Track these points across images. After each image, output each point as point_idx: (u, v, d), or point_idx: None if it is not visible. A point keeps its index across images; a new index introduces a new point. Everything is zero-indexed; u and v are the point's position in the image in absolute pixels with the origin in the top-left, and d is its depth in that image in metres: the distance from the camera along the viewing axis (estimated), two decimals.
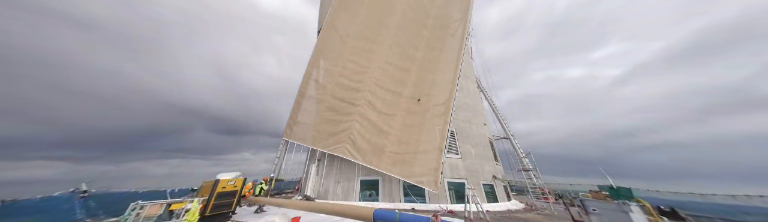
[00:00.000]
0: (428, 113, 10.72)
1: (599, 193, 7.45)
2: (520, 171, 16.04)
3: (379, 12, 15.71)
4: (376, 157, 10.70)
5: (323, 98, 14.26)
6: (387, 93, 12.31)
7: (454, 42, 11.91)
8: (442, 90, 10.98)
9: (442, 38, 12.46)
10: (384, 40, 14.23)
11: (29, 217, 8.72)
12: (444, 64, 11.67)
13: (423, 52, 12.56)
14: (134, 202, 5.97)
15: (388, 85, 12.56)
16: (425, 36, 13.01)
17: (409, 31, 13.76)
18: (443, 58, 11.88)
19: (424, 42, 12.84)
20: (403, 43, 13.48)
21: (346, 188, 11.73)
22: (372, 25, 15.46)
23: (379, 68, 13.30)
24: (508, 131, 19.86)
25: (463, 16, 12.46)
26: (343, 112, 13.00)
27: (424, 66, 12.18)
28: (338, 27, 16.82)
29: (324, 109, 13.78)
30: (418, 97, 11.42)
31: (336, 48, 15.93)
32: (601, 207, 6.32)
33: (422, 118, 10.75)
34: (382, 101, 12.16)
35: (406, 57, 12.90)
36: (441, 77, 11.37)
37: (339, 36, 16.35)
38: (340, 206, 5.89)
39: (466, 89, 16.53)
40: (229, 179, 7.84)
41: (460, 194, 10.97)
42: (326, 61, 15.80)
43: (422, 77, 11.90)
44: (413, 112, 11.11)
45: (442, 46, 12.24)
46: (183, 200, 6.87)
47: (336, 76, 14.60)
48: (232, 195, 7.70)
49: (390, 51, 13.60)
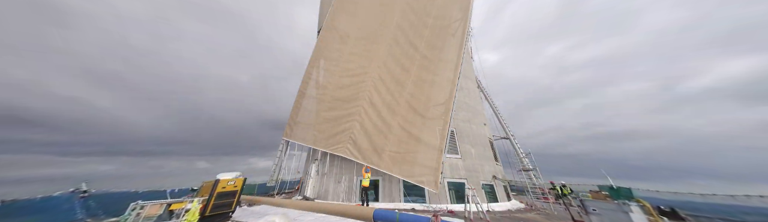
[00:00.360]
0: (428, 113, 10.73)
1: (599, 193, 7.46)
2: (520, 171, 16.03)
3: (379, 12, 15.72)
4: (376, 157, 10.71)
5: (323, 98, 14.27)
6: (387, 93, 12.32)
7: (454, 42, 11.92)
8: (442, 90, 10.98)
9: (443, 38, 12.47)
10: (384, 39, 14.23)
11: (29, 217, 8.72)
12: (444, 64, 11.67)
13: (423, 52, 12.56)
14: (134, 202, 5.96)
15: (388, 84, 12.56)
16: (425, 36, 13.02)
17: (409, 30, 13.76)
18: (443, 58, 11.88)
19: (425, 42, 12.84)
20: (403, 43, 13.49)
21: (347, 188, 11.74)
22: (372, 25, 15.46)
23: (379, 68, 13.31)
24: (508, 131, 19.87)
25: (463, 16, 12.46)
26: (344, 112, 13.01)
27: (424, 66, 12.19)
28: (338, 27, 16.83)
29: (324, 109, 13.79)
30: (418, 96, 11.43)
31: (336, 48, 15.94)
32: (601, 207, 6.32)
33: (422, 117, 10.75)
34: (383, 101, 12.17)
35: (406, 57, 12.91)
36: (441, 77, 11.38)
37: (339, 36, 16.35)
38: (340, 206, 5.90)
39: (466, 89, 16.53)
40: (229, 179, 7.83)
41: (460, 194, 10.97)
42: (326, 61, 15.81)
43: (422, 77, 11.90)
44: (413, 112, 11.11)
45: (443, 45, 12.24)
46: (183, 200, 6.87)
47: (336, 76, 14.61)
48: (232, 195, 7.70)
49: (390, 51, 13.60)
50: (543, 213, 10.88)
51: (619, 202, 5.98)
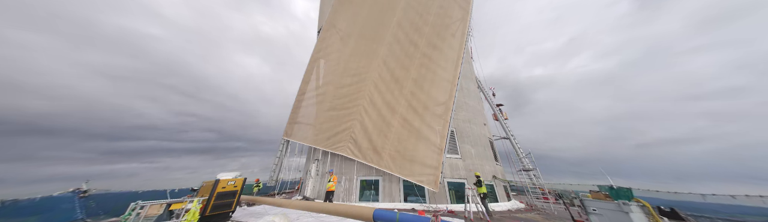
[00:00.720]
0: (428, 112, 10.73)
1: (599, 193, 7.45)
2: (520, 171, 16.04)
3: (379, 12, 15.71)
4: (377, 156, 10.72)
5: (324, 98, 14.27)
6: (387, 91, 12.33)
7: (454, 42, 11.92)
8: (442, 89, 10.98)
9: (443, 38, 12.47)
10: (384, 39, 14.23)
11: (29, 217, 8.73)
12: (444, 64, 11.67)
13: (423, 50, 12.56)
14: (134, 202, 5.97)
15: (388, 83, 12.57)
16: (426, 34, 13.01)
17: (410, 29, 13.76)
18: (443, 58, 11.88)
19: (425, 40, 12.84)
20: (404, 41, 13.49)
21: (347, 188, 11.73)
22: (372, 24, 15.46)
23: (379, 67, 13.31)
24: (508, 131, 19.88)
25: (463, 16, 12.46)
26: (344, 111, 13.01)
27: (424, 64, 12.19)
28: (338, 27, 16.83)
29: (325, 109, 13.80)
30: (418, 95, 11.43)
31: (336, 48, 15.94)
32: (601, 207, 6.32)
33: (422, 117, 10.75)
34: (383, 100, 12.18)
35: (406, 55, 12.91)
36: (441, 76, 11.38)
37: (339, 36, 16.36)
38: (341, 206, 5.89)
39: (466, 89, 16.53)
40: (230, 179, 7.84)
41: (460, 194, 10.96)
42: (326, 61, 15.81)
43: (422, 75, 11.91)
44: (413, 111, 11.12)
45: (443, 45, 12.24)
46: (183, 200, 6.87)
47: (337, 76, 14.61)
48: (232, 195, 7.71)
49: (390, 49, 13.60)
50: (543, 213, 10.88)
51: (620, 202, 5.98)
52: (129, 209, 5.86)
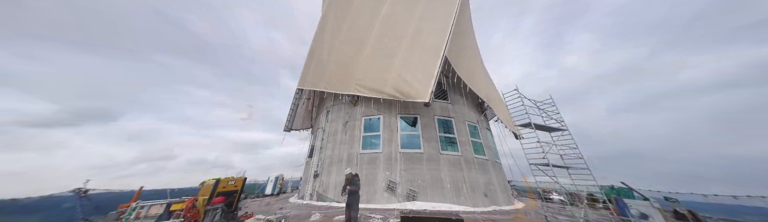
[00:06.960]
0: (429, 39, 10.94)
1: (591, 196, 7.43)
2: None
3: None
4: (382, 86, 10.74)
5: (333, 44, 14.30)
6: (393, 38, 12.38)
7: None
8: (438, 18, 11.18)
9: None
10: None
11: (29, 216, 8.75)
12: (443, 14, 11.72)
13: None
14: (134, 202, 5.98)
15: (395, 30, 12.63)
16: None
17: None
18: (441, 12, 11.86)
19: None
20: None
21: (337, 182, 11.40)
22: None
23: (383, 18, 13.41)
24: None
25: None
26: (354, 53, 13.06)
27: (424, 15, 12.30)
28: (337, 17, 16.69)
29: (334, 53, 13.89)
30: (418, 30, 11.61)
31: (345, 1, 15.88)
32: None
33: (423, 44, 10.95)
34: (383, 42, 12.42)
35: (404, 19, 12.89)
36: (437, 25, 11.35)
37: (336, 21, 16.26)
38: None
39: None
40: (230, 179, 7.86)
41: None
42: (336, 15, 15.73)
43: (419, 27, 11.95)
44: (413, 43, 11.36)
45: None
46: (183, 200, 6.88)
47: (347, 23, 14.62)
48: (232, 195, 7.70)
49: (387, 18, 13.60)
50: (543, 213, 10.85)
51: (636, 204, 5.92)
52: (129, 209, 5.87)
